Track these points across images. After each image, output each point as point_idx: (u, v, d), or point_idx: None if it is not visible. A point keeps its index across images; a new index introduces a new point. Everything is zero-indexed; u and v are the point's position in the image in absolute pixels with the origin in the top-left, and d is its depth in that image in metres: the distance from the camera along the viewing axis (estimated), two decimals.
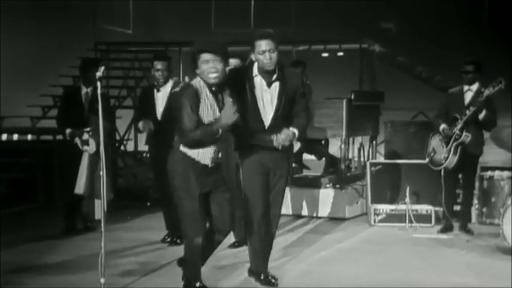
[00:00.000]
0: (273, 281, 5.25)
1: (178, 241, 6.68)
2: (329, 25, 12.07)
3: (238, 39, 10.92)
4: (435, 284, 5.44)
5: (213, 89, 4.76)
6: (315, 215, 8.21)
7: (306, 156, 8.97)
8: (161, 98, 6.67)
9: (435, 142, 7.25)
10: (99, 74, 4.81)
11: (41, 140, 9.78)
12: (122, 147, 11.46)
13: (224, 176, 5.05)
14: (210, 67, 4.68)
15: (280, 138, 4.98)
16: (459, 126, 6.96)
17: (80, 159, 6.83)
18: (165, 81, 6.67)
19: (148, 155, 9.45)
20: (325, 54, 12.30)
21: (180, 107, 4.70)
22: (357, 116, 8.60)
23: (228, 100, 4.82)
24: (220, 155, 4.88)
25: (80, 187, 6.79)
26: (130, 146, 11.69)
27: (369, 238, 7.22)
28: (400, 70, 12.37)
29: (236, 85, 4.97)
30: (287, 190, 5.54)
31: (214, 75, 4.70)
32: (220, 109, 4.76)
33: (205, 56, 4.68)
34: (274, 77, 5.08)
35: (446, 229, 7.32)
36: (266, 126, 5.08)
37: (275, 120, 5.07)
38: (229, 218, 4.93)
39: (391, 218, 7.79)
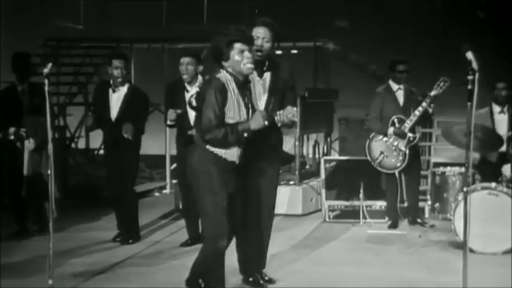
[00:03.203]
0: None
1: (130, 241, 6.61)
2: (283, 23, 12.03)
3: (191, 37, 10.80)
4: (388, 279, 5.45)
5: (241, 79, 4.50)
6: None
7: None
8: (116, 99, 6.50)
9: (382, 145, 7.33)
10: (46, 71, 4.68)
11: None
12: (73, 145, 11.22)
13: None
14: (247, 57, 4.44)
15: (284, 115, 4.68)
16: (408, 127, 7.15)
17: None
18: (123, 81, 6.50)
19: (99, 153, 9.30)
20: (279, 52, 12.25)
21: (204, 102, 4.39)
22: (311, 113, 8.62)
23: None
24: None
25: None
26: (81, 144, 11.44)
27: (324, 235, 7.22)
28: (354, 68, 12.43)
29: None
30: None
31: (251, 65, 4.47)
32: (246, 104, 4.53)
33: (240, 46, 4.44)
34: (265, 67, 4.92)
35: (395, 225, 7.47)
36: None
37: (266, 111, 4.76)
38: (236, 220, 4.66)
39: (345, 214, 7.83)
